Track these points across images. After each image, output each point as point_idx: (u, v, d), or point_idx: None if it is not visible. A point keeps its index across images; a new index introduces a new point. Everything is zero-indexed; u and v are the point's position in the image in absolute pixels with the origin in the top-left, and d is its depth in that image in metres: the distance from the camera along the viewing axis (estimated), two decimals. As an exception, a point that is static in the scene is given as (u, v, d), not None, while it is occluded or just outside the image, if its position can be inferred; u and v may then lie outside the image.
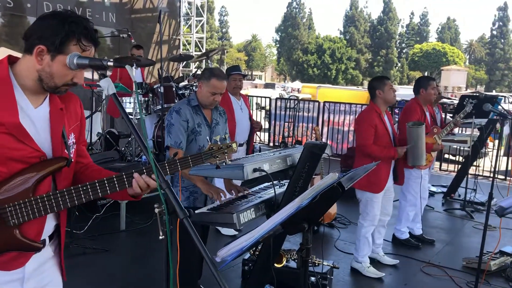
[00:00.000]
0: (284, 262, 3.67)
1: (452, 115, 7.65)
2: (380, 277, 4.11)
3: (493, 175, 3.88)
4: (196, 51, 14.67)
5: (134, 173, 1.59)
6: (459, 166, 7.94)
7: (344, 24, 63.40)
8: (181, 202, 3.04)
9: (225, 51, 58.26)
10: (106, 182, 1.58)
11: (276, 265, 3.63)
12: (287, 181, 3.01)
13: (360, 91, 18.72)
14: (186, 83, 6.45)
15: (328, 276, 3.74)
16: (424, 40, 63.38)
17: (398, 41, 65.57)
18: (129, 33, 6.59)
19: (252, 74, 62.89)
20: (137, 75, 6.57)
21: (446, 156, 9.85)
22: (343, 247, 4.78)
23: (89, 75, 7.33)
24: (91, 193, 1.57)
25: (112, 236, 4.77)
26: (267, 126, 11.33)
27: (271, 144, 10.90)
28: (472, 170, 7.57)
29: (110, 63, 1.45)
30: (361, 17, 62.69)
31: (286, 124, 10.44)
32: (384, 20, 61.64)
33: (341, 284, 3.99)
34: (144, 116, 5.74)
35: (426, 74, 55.05)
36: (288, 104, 10.56)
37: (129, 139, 6.03)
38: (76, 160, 1.76)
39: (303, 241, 1.89)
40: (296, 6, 64.30)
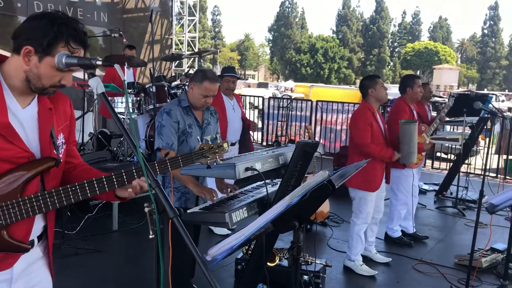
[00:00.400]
0: (277, 261, 3.68)
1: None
2: (372, 275, 4.12)
3: (483, 173, 3.91)
4: (188, 50, 14.63)
5: (122, 175, 1.58)
6: (451, 164, 7.99)
7: (336, 23, 63.52)
8: (173, 202, 3.05)
9: (218, 51, 58.21)
10: (95, 182, 1.57)
11: (269, 264, 3.63)
12: (280, 180, 3.01)
13: (352, 90, 18.74)
14: (178, 82, 6.43)
15: (321, 274, 3.75)
16: (416, 39, 63.67)
17: (391, 40, 65.82)
18: (121, 32, 6.56)
19: (245, 73, 62.88)
20: (128, 75, 6.54)
21: (438, 154, 9.91)
22: (336, 246, 4.79)
23: (81, 75, 7.29)
24: (80, 194, 1.55)
25: (104, 237, 4.75)
26: (260, 125, 11.34)
27: (264, 143, 10.91)
28: (464, 168, 7.63)
29: (98, 62, 1.43)
30: (354, 16, 62.84)
31: (279, 123, 10.46)
32: (376, 19, 61.82)
33: (334, 282, 4.00)
34: (136, 115, 5.72)
35: (418, 73, 55.36)
36: (281, 103, 10.58)
37: (121, 139, 6.01)
38: (67, 160, 1.75)
39: (294, 239, 1.89)
40: (289, 6, 64.33)
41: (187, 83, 6.11)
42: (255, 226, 1.43)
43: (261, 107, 11.49)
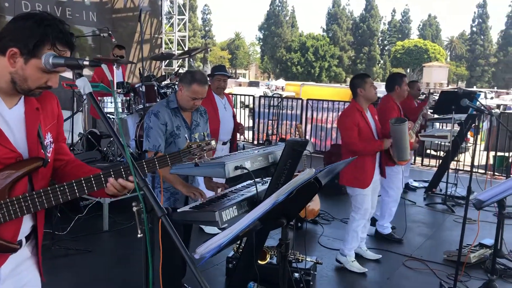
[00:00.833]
0: (268, 259, 3.69)
1: (432, 110, 7.78)
2: (363, 272, 4.15)
3: (471, 169, 3.95)
4: (178, 49, 14.61)
5: (111, 174, 1.58)
6: (440, 161, 8.05)
7: (326, 21, 63.69)
8: (162, 203, 3.05)
9: (209, 49, 58.09)
10: (83, 182, 1.56)
11: (260, 262, 3.64)
12: (270, 178, 3.02)
13: (343, 89, 18.82)
14: (168, 81, 6.42)
15: (312, 272, 3.77)
16: (405, 37, 64.03)
17: (380, 38, 66.14)
18: (110, 32, 6.54)
19: (236, 72, 62.86)
20: (118, 74, 6.52)
21: (428, 151, 9.99)
22: (327, 243, 4.82)
23: (70, 75, 7.25)
24: (68, 193, 1.55)
25: (95, 237, 4.73)
26: (251, 124, 11.35)
27: (255, 142, 10.91)
28: (453, 165, 7.70)
29: (85, 63, 1.43)
30: (344, 14, 63.03)
31: (270, 122, 10.47)
32: (366, 17, 62.07)
33: (324, 279, 4.03)
34: (126, 115, 5.70)
35: (408, 70, 55.70)
36: (271, 102, 10.59)
37: (111, 139, 5.98)
38: (58, 158, 1.75)
39: (282, 236, 1.90)
40: (279, 4, 64.36)
41: (176, 82, 6.10)
42: (242, 224, 1.45)
43: (251, 106, 11.50)
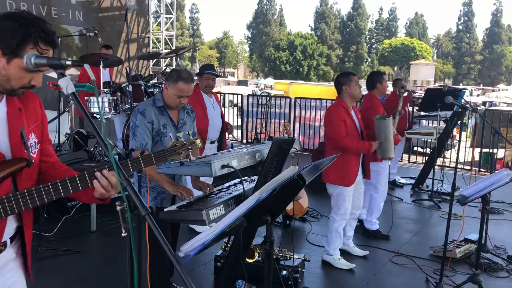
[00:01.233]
0: (256, 257, 3.71)
1: (418, 108, 7.86)
2: (350, 268, 4.19)
3: (455, 166, 4.01)
4: (166, 48, 14.55)
5: (96, 172, 1.58)
6: (427, 158, 8.14)
7: (314, 20, 63.87)
8: (149, 202, 3.04)
9: (197, 48, 57.91)
10: (68, 181, 1.56)
11: (248, 260, 3.66)
12: (257, 176, 3.03)
13: (331, 87, 18.87)
14: (155, 81, 6.41)
15: (300, 269, 3.80)
16: (393, 35, 64.47)
17: (368, 36, 66.52)
18: (96, 31, 6.50)
19: (225, 71, 62.75)
20: (105, 74, 6.48)
21: (415, 148, 10.09)
22: (315, 240, 4.85)
23: (56, 75, 7.19)
24: (53, 193, 1.54)
25: (82, 237, 4.71)
26: (239, 123, 11.35)
27: (244, 141, 10.92)
28: (440, 161, 7.78)
29: (68, 63, 1.43)
30: (331, 13, 63.26)
31: (259, 120, 10.49)
32: (353, 16, 62.36)
33: (312, 276, 4.05)
34: (113, 115, 5.68)
35: (395, 68, 56.10)
36: (260, 100, 10.61)
37: (98, 139, 5.94)
38: (43, 160, 1.74)
39: (267, 233, 1.92)
40: (267, 3, 64.39)
41: (164, 82, 6.09)
42: (226, 221, 1.46)
43: (240, 105, 11.51)
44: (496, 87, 43.50)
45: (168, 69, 7.25)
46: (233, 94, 12.53)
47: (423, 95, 8.06)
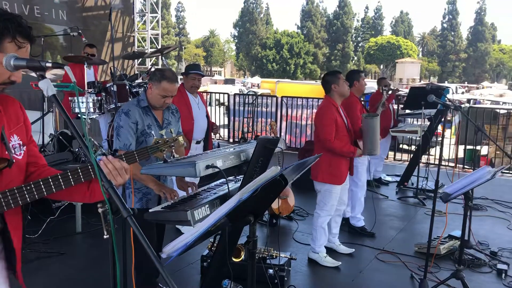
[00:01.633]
0: (243, 256, 3.72)
1: (403, 106, 7.93)
2: (337, 266, 4.22)
3: (439, 163, 4.06)
4: (152, 47, 14.48)
5: (79, 173, 1.57)
6: (412, 155, 8.22)
7: (301, 19, 64.02)
8: (134, 204, 3.02)
9: (183, 47, 57.65)
10: (50, 180, 1.55)
11: (234, 259, 3.67)
12: (242, 176, 3.04)
13: (318, 85, 18.97)
14: (140, 81, 6.37)
15: (286, 267, 3.82)
16: (378, 33, 64.90)
17: (354, 35, 66.90)
18: (79, 31, 6.43)
19: (211, 70, 62.62)
20: (89, 74, 6.43)
21: (400, 146, 10.18)
22: (301, 239, 4.88)
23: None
24: (35, 193, 1.53)
25: (67, 239, 4.67)
26: (226, 122, 11.34)
27: (231, 140, 10.92)
28: (424, 159, 7.86)
29: (48, 64, 1.43)
30: (318, 11, 63.47)
31: (245, 119, 10.49)
32: (340, 14, 62.64)
33: (299, 275, 4.08)
34: (97, 115, 5.64)
35: (381, 67, 56.54)
36: (246, 99, 10.61)
37: (83, 139, 5.90)
38: (31, 161, 1.73)
39: (249, 233, 1.93)
40: (253, 1, 64.32)
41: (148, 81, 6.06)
42: (208, 222, 1.46)
43: (227, 104, 11.50)
44: (481, 84, 44.07)
45: (153, 69, 7.22)
46: (220, 93, 12.50)
47: (403, 93, 8.14)
